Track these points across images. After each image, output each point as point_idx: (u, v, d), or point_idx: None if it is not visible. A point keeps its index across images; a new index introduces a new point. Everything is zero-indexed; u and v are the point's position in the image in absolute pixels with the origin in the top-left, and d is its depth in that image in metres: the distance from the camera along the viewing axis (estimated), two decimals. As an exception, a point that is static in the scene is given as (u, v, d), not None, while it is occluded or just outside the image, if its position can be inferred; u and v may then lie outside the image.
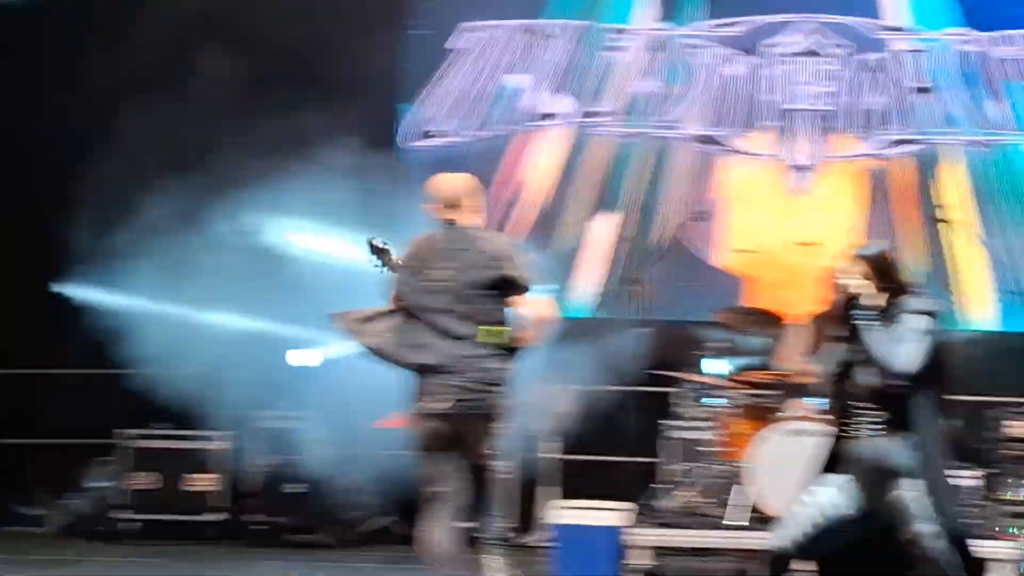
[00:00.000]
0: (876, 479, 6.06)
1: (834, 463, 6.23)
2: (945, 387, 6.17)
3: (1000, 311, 11.08)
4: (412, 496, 7.11)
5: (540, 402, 10.55)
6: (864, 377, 6.10)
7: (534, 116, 12.01)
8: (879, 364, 6.03)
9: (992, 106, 11.44)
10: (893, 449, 6.03)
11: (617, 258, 11.62)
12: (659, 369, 10.36)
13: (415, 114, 12.11)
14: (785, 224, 11.63)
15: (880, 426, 6.07)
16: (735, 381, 10.11)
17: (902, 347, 5.96)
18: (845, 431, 6.16)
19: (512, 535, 6.71)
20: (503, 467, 7.59)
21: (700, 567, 9.23)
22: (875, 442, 6.07)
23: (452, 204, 6.62)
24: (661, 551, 9.09)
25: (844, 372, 6.19)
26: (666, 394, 10.37)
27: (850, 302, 6.10)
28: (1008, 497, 9.52)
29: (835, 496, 6.16)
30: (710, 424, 9.84)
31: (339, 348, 10.15)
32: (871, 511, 6.11)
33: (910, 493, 6.00)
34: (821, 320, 9.67)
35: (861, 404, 6.12)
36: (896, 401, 6.03)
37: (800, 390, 9.86)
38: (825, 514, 6.12)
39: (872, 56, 11.63)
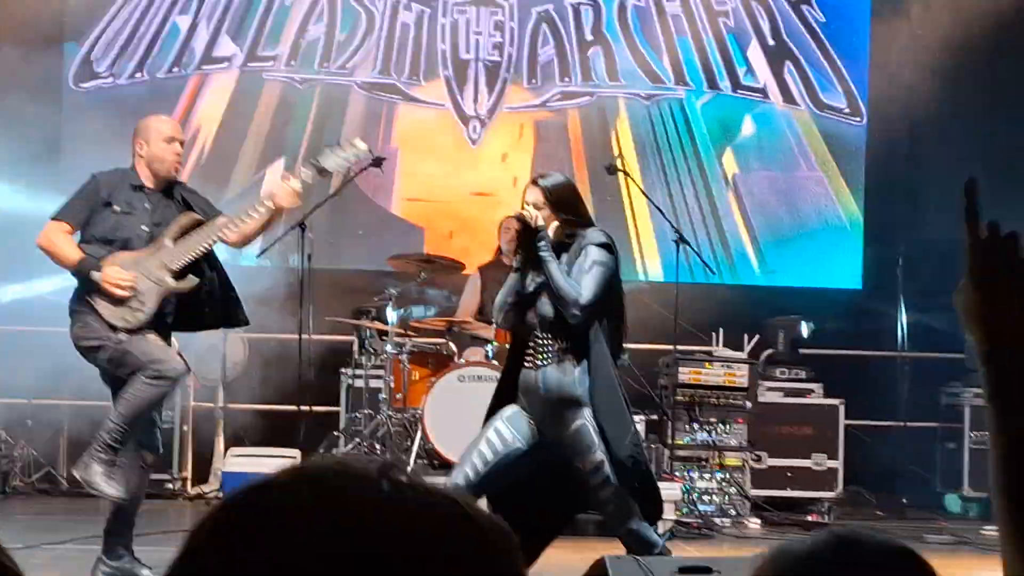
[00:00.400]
0: (553, 410, 6.12)
1: (513, 395, 6.27)
2: (622, 319, 6.28)
3: (664, 262, 11.46)
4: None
5: (212, 351, 10.48)
6: (542, 308, 6.16)
7: (205, 59, 11.78)
8: (558, 295, 6.09)
9: (661, 60, 11.80)
10: (569, 379, 6.10)
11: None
12: (337, 317, 10.38)
13: (83, 54, 11.73)
14: (459, 174, 11.76)
15: (557, 356, 6.12)
16: (411, 328, 10.23)
17: (582, 279, 6.03)
18: (523, 362, 6.22)
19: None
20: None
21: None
22: (551, 371, 6.12)
23: None
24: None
25: (523, 303, 6.23)
26: (348, 343, 10.43)
27: (530, 231, 6.12)
28: (676, 442, 9.97)
29: (506, 430, 6.20)
30: (388, 372, 9.94)
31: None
32: (549, 442, 6.18)
33: (588, 423, 6.11)
34: (491, 268, 9.94)
35: (539, 335, 6.16)
36: (573, 332, 6.09)
37: (474, 336, 10.09)
38: (495, 450, 6.15)
39: (545, 8, 11.80)
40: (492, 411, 6.31)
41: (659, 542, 6.22)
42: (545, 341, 6.11)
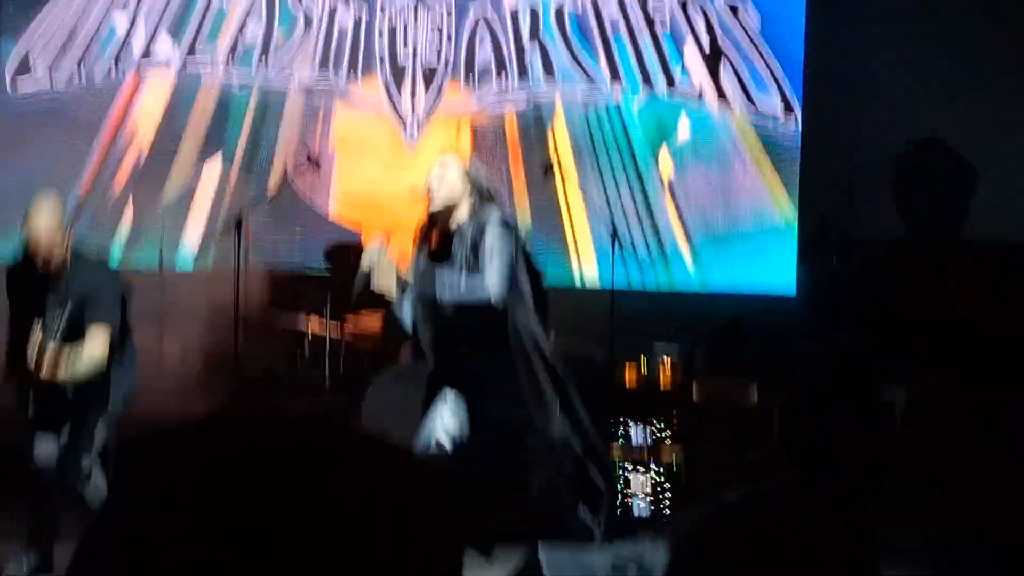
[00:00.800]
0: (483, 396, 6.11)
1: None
2: (541, 296, 6.23)
3: (601, 264, 11.50)
4: None
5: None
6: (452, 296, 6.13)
7: (142, 59, 11.74)
8: (468, 288, 6.08)
9: (597, 61, 11.83)
10: (488, 364, 6.08)
11: (223, 208, 11.49)
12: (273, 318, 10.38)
13: (17, 51, 11.68)
14: (396, 176, 11.75)
15: (477, 344, 6.10)
16: (345, 328, 10.24)
17: (489, 271, 6.00)
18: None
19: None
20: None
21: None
22: (473, 361, 6.10)
23: None
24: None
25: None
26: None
27: (443, 211, 6.04)
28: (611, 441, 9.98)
29: (445, 421, 6.17)
30: (324, 372, 9.95)
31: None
32: (484, 428, 6.17)
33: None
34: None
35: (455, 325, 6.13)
36: (491, 320, 6.07)
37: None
38: (438, 441, 6.11)
39: (483, 10, 11.83)
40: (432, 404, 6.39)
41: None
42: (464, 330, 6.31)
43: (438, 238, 6.17)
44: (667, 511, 9.92)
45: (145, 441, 1.16)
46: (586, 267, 11.58)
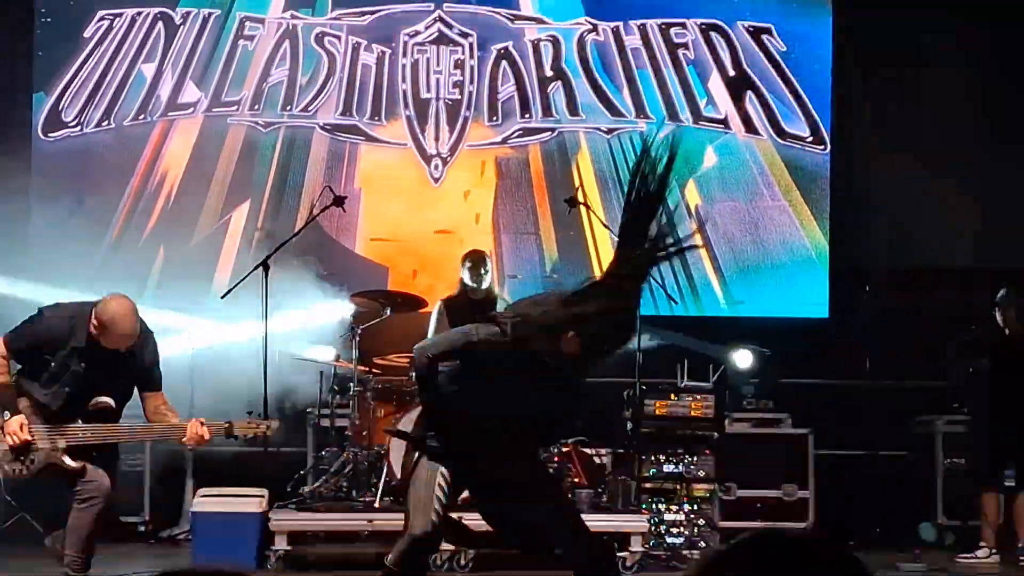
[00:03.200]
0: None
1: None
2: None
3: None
4: None
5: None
6: None
7: (170, 105, 11.85)
8: None
9: (621, 94, 11.84)
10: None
11: (251, 248, 11.53)
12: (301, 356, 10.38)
13: (51, 104, 11.81)
14: (422, 213, 11.78)
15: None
16: (375, 366, 10.23)
17: None
18: None
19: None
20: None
21: (342, 551, 9.31)
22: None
23: None
24: (302, 536, 9.15)
25: None
26: (313, 382, 10.43)
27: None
28: (643, 474, 9.92)
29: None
30: (353, 410, 9.93)
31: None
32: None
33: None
34: (455, 301, 9.93)
35: None
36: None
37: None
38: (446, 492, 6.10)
39: (504, 45, 11.86)
40: None
41: None
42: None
43: None
44: (699, 544, 9.84)
45: None
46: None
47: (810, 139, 11.83)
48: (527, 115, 11.82)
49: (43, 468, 7.15)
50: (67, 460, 7.12)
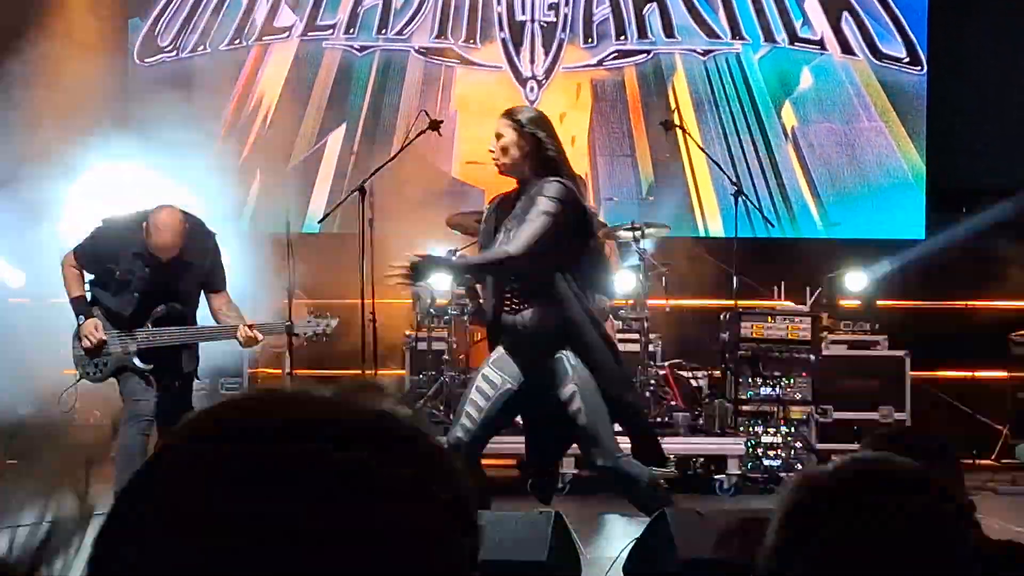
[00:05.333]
0: (533, 348, 6.19)
1: (497, 339, 6.39)
2: (581, 264, 6.25)
3: (724, 217, 11.46)
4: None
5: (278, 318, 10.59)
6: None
7: (265, 29, 11.90)
8: (488, 271, 6.23)
9: (716, 16, 11.75)
10: (544, 320, 6.16)
11: (347, 172, 11.61)
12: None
13: (147, 29, 11.89)
14: (517, 135, 11.77)
15: (527, 301, 6.19)
16: (470, 291, 10.26)
17: (521, 228, 6.08)
18: (503, 307, 6.25)
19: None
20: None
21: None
22: (527, 314, 6.19)
23: None
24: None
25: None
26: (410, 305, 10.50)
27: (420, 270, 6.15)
28: (740, 397, 9.95)
29: (494, 374, 6.27)
30: (450, 333, 10.01)
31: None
32: (534, 380, 6.27)
33: (564, 357, 6.18)
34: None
35: (510, 283, 6.24)
36: (537, 279, 6.15)
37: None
38: (487, 395, 6.22)
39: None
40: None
41: (642, 476, 6.24)
42: (514, 287, 6.20)
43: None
44: (796, 466, 9.86)
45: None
46: (710, 219, 11.54)
47: (907, 60, 11.71)
48: (622, 37, 11.77)
49: (116, 370, 7.42)
50: (137, 361, 7.39)
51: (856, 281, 11.06)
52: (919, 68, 11.71)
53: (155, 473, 1.04)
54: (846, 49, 11.71)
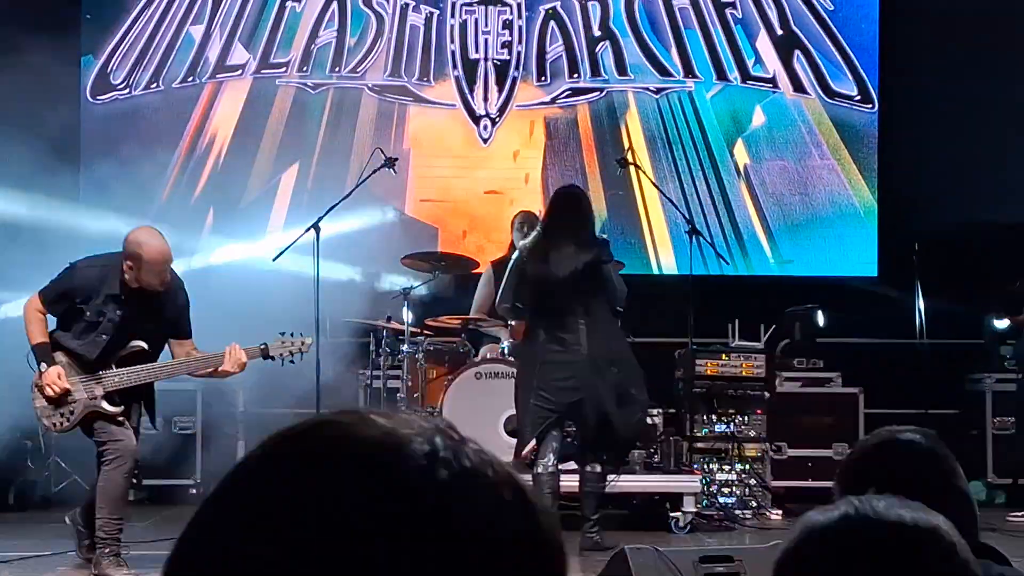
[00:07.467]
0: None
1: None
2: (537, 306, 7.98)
3: (678, 254, 11.48)
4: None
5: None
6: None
7: (219, 67, 11.87)
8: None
9: (669, 54, 11.81)
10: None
11: (301, 210, 11.54)
12: (352, 318, 10.40)
13: (99, 66, 11.84)
14: (471, 173, 11.80)
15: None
16: (426, 328, 10.25)
17: None
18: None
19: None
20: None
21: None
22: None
23: None
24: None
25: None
26: (364, 344, 10.46)
27: None
28: (696, 434, 9.94)
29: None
30: (403, 371, 9.97)
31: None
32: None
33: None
34: (504, 263, 9.99)
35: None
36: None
37: (487, 334, 10.13)
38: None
39: (552, 5, 11.82)
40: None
41: None
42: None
43: None
44: (757, 508, 9.85)
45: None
46: (663, 256, 11.57)
47: (858, 97, 11.80)
48: (576, 75, 11.81)
49: (83, 417, 7.26)
50: (105, 405, 7.25)
51: (817, 319, 11.09)
52: (871, 106, 11.79)
53: (238, 485, 1.07)
54: (798, 87, 11.78)
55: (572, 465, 8.44)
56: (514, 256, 8.49)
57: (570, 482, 8.38)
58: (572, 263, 7.97)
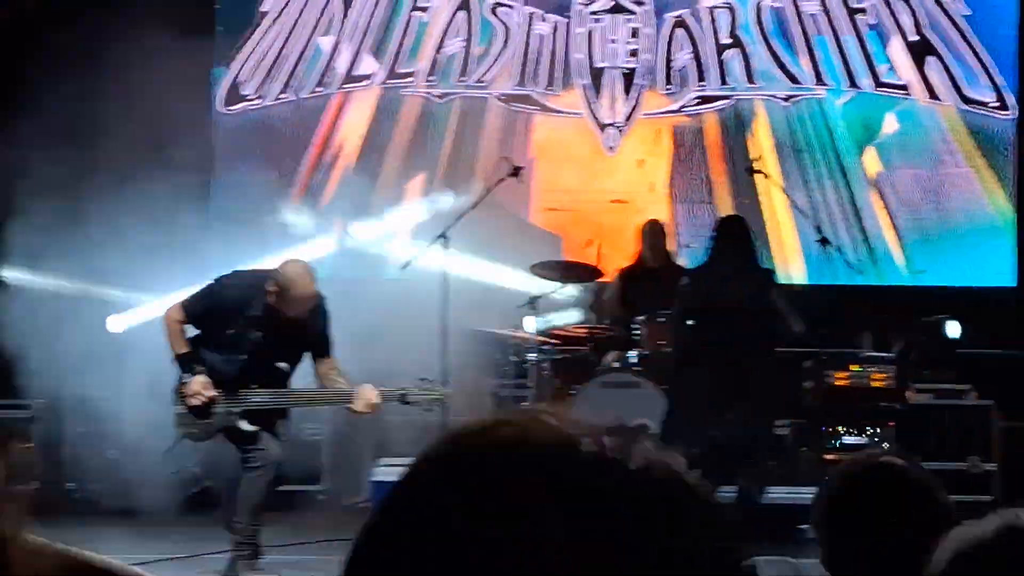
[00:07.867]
0: None
1: None
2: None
3: (807, 263, 11.34)
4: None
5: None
6: None
7: (347, 77, 11.96)
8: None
9: (799, 61, 11.67)
10: None
11: (428, 218, 11.58)
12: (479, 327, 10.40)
13: (231, 78, 11.99)
14: (596, 182, 11.76)
15: None
16: (551, 336, 10.23)
17: None
18: None
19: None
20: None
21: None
22: None
23: None
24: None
25: None
26: (490, 352, 10.45)
27: None
28: (825, 446, 9.78)
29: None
30: (529, 380, 9.96)
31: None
32: None
33: None
34: (632, 273, 9.95)
35: None
36: None
37: (614, 343, 10.06)
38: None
39: (680, 13, 11.75)
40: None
41: None
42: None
43: None
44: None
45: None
46: (792, 265, 11.41)
47: (994, 104, 11.54)
48: (703, 83, 11.71)
49: (220, 430, 7.31)
50: (243, 424, 7.26)
51: (949, 329, 10.86)
52: (1008, 112, 11.53)
53: (415, 487, 1.11)
54: (932, 94, 11.56)
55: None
56: (681, 281, 8.75)
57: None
58: (739, 290, 8.07)
